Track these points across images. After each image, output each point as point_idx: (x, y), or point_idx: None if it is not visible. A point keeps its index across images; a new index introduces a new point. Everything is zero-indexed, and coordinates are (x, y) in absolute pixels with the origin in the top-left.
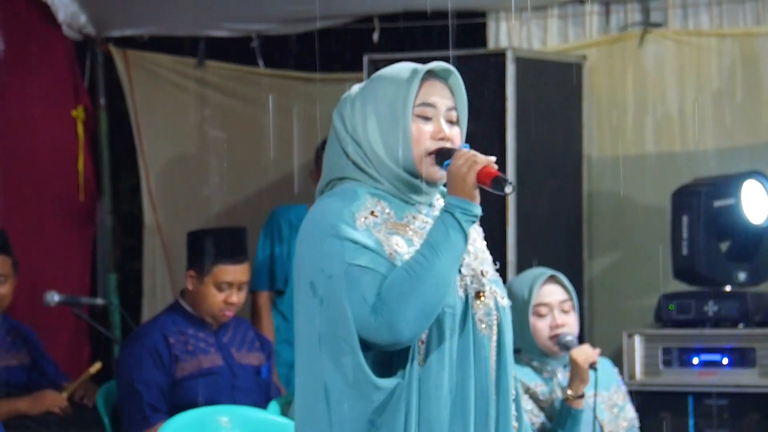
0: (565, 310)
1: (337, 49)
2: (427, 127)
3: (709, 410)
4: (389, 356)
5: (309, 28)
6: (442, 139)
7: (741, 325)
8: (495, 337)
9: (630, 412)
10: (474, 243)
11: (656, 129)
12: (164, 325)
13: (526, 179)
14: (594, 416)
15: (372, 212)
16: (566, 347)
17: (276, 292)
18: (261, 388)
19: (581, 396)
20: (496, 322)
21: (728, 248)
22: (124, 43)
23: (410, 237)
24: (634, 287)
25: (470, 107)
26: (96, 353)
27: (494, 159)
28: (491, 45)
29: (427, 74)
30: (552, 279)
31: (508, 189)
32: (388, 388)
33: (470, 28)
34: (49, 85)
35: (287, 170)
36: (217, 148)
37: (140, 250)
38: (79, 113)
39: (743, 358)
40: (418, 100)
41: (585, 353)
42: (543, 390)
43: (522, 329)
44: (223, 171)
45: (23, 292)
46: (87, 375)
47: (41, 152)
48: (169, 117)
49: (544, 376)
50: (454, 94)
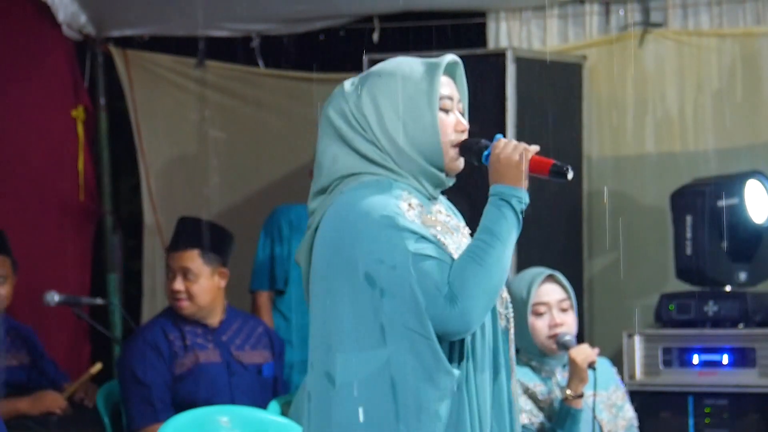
0: (564, 309)
1: (337, 49)
2: (449, 119)
3: (709, 410)
4: (447, 349)
5: (309, 28)
6: (462, 131)
7: (741, 325)
8: (511, 329)
9: (629, 412)
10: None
11: (656, 129)
12: (164, 323)
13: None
14: (593, 416)
15: (410, 204)
16: (565, 347)
17: (276, 292)
18: (263, 387)
19: (580, 396)
20: (511, 315)
21: (728, 248)
22: (124, 43)
23: (442, 230)
24: (634, 287)
25: (470, 107)
26: (96, 353)
27: (539, 148)
28: (491, 45)
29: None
30: (550, 278)
31: (570, 174)
32: (456, 374)
33: (470, 28)
34: (49, 85)
35: (287, 170)
36: (217, 148)
37: (140, 250)
38: (79, 113)
39: (743, 358)
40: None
41: (584, 353)
42: (542, 390)
43: (521, 329)
44: (223, 171)
45: (23, 292)
46: (87, 376)
47: (41, 152)
48: (169, 117)
49: (542, 375)
50: (457, 85)
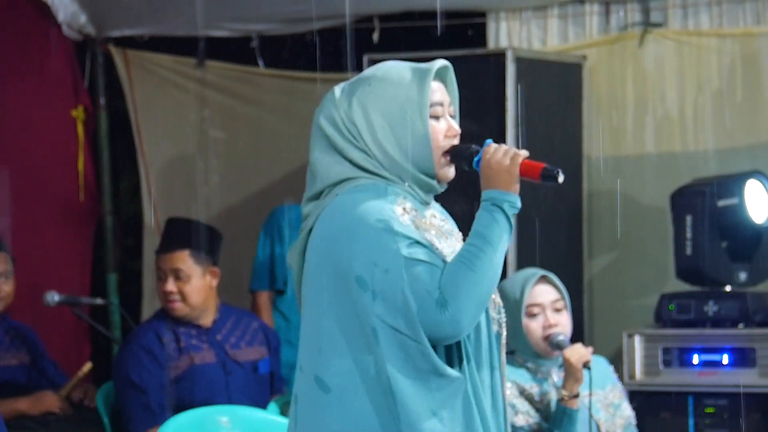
0: (558, 309)
1: (337, 49)
2: (440, 125)
3: (709, 410)
4: (444, 353)
5: (309, 28)
6: (453, 137)
7: (741, 325)
8: (503, 334)
9: (626, 411)
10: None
11: (656, 129)
12: (157, 326)
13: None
14: (590, 415)
15: (404, 208)
16: (558, 347)
17: (276, 292)
18: (259, 384)
19: (576, 396)
20: (503, 320)
21: (728, 248)
22: (124, 43)
23: (437, 234)
24: (634, 287)
25: (470, 107)
26: (96, 353)
27: (528, 153)
28: (491, 45)
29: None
30: (543, 279)
31: (561, 178)
32: (453, 376)
33: (470, 28)
34: (49, 85)
35: (287, 170)
36: (217, 148)
37: (140, 250)
38: (79, 113)
39: (743, 358)
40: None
41: (578, 353)
42: (538, 391)
43: (515, 330)
44: (223, 171)
45: (23, 292)
46: (79, 376)
47: (41, 152)
48: (169, 117)
49: (538, 377)
50: (447, 88)
